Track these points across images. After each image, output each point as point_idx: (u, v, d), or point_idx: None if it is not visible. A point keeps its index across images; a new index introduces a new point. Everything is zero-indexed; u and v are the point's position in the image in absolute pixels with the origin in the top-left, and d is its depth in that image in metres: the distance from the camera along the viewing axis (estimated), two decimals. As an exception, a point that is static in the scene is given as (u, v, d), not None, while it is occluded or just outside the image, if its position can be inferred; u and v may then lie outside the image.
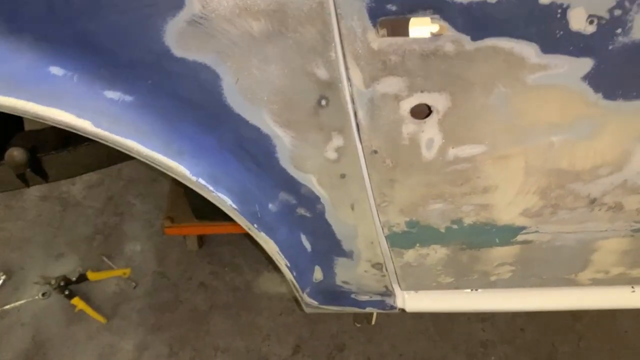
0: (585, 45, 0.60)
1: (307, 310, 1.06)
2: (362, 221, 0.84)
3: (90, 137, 0.64)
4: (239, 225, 1.92)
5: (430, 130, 0.69)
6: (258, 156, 0.72)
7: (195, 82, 0.63)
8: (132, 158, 1.55)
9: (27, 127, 1.43)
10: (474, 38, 0.60)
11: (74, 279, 1.98)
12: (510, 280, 1.00)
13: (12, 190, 1.42)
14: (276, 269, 2.01)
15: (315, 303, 1.01)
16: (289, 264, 0.88)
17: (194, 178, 0.70)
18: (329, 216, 0.83)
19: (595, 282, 1.01)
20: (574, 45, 0.60)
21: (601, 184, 0.78)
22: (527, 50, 0.61)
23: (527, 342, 1.80)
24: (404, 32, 0.58)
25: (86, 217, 2.20)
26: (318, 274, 0.96)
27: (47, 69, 0.59)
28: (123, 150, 0.66)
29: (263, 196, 0.77)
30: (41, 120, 0.61)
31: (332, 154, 0.72)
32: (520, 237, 0.88)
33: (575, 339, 1.80)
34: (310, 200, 0.80)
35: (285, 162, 0.74)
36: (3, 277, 1.99)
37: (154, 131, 0.66)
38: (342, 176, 0.76)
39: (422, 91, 0.65)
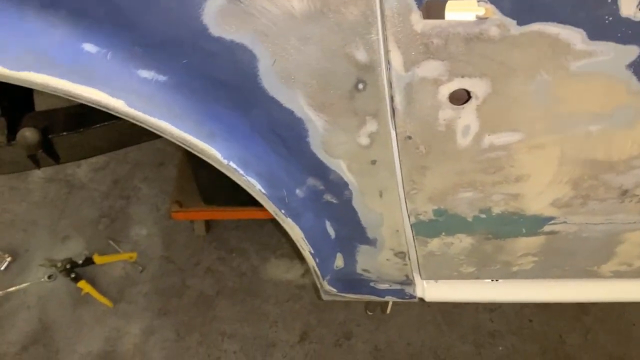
0: (634, 32, 0.59)
1: (325, 297, 1.05)
2: (389, 209, 0.83)
3: (123, 116, 0.62)
4: (247, 210, 1.91)
5: (467, 117, 0.68)
6: (289, 140, 0.71)
7: (231, 63, 0.62)
8: (142, 142, 1.52)
9: (38, 107, 1.41)
10: (521, 22, 0.58)
11: (80, 262, 1.97)
12: (531, 271, 0.99)
13: (23, 171, 1.41)
14: (283, 255, 2.00)
15: (334, 290, 1.00)
16: (312, 251, 0.87)
17: (225, 161, 0.69)
18: (356, 203, 0.81)
19: (617, 275, 1.00)
20: (622, 32, 0.59)
21: (634, 175, 0.77)
22: (574, 36, 0.59)
23: (535, 333, 1.80)
24: (449, 15, 0.56)
25: (92, 200, 2.19)
26: (339, 262, 0.95)
27: (80, 46, 0.58)
28: (155, 131, 0.65)
29: (291, 181, 0.76)
30: (73, 99, 0.59)
31: (364, 140, 0.71)
32: (547, 228, 0.87)
33: (583, 331, 1.80)
34: (339, 187, 0.78)
35: (316, 147, 0.72)
36: (8, 259, 1.98)
37: (187, 112, 0.64)
38: (373, 162, 0.75)
39: (462, 76, 0.63)
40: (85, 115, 1.37)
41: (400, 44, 0.60)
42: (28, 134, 1.26)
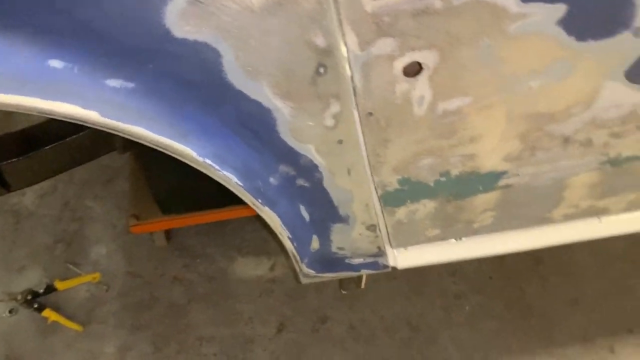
0: (559, -8, 0.66)
1: (304, 280, 1.09)
2: (358, 185, 0.87)
3: (99, 127, 0.63)
4: (207, 214, 1.91)
5: (421, 87, 0.73)
6: (259, 131, 0.74)
7: (196, 62, 0.64)
8: (93, 159, 1.50)
9: (-21, 136, 1.37)
10: (460, -6, 0.64)
11: (41, 291, 1.92)
12: (491, 225, 1.06)
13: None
14: (249, 253, 2.02)
15: (312, 272, 1.04)
16: (290, 236, 0.90)
17: (200, 159, 0.71)
18: (327, 184, 0.86)
19: (567, 217, 1.09)
20: (549, -8, 0.65)
21: (573, 123, 0.85)
22: (508, 1, 0.65)
23: (496, 288, 1.91)
24: (396, -6, 0.61)
25: (43, 226, 2.13)
26: (315, 244, 0.99)
27: (46, 63, 0.58)
28: (131, 138, 0.66)
29: (265, 171, 0.79)
30: (48, 115, 0.60)
31: (329, 121, 0.75)
32: (501, 182, 0.94)
33: (540, 281, 1.92)
34: (309, 170, 0.82)
35: (285, 134, 0.76)
36: (-37, 298, 1.90)
37: (159, 115, 0.66)
38: (340, 142, 0.79)
39: (413, 50, 0.68)
40: (31, 139, 1.34)
41: (354, 25, 0.65)
42: None
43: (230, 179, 0.75)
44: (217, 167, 0.73)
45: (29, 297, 1.89)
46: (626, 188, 1.04)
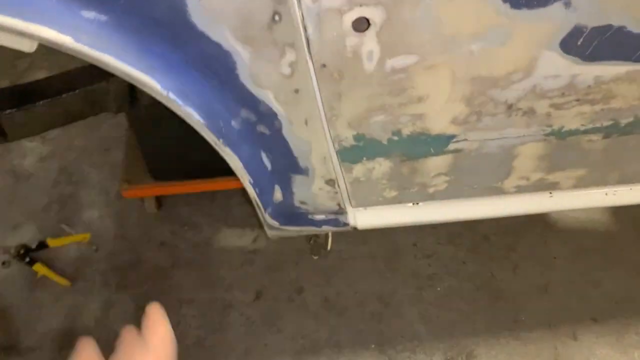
0: (493, -41, 0.73)
1: (270, 233, 1.16)
2: (315, 136, 0.95)
3: (72, 52, 0.72)
4: (196, 184, 1.99)
5: (369, 43, 0.81)
6: (220, 73, 0.82)
7: (163, 2, 0.72)
8: (86, 117, 1.58)
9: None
10: (401, -46, 0.72)
11: (33, 246, 2.01)
12: (446, 191, 1.13)
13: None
14: (234, 225, 2.11)
15: (276, 224, 1.12)
16: (251, 181, 0.98)
17: (164, 92, 0.79)
18: (286, 132, 0.93)
19: (519, 190, 1.16)
20: (483, -42, 0.73)
21: (515, 90, 0.92)
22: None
23: (469, 273, 1.98)
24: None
25: (40, 188, 2.22)
26: (278, 194, 1.07)
27: (28, -11, 0.67)
28: (100, 66, 0.75)
29: (226, 113, 0.87)
30: (28, 37, 0.68)
31: (286, 69, 0.83)
32: (451, 146, 1.02)
33: (511, 267, 1.99)
34: (269, 117, 0.90)
35: (244, 78, 0.83)
36: (-40, 250, 1.99)
37: (128, 48, 0.74)
38: (296, 91, 0.87)
39: (360, 5, 0.76)
40: (30, 93, 1.43)
41: (306, -22, 0.72)
42: None
43: (192, 115, 0.83)
44: (180, 101, 0.80)
45: (22, 252, 1.98)
46: (573, 163, 1.11)
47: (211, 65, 0.80)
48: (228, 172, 1.94)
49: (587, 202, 1.20)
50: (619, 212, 2.10)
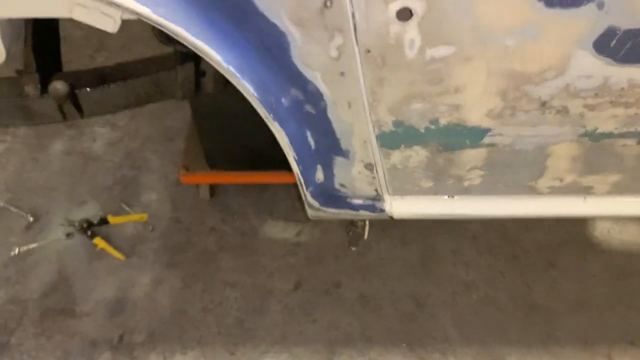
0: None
1: (310, 213, 1.25)
2: (357, 119, 1.03)
3: (150, 22, 0.84)
4: (249, 175, 2.10)
5: (411, 32, 0.89)
6: (275, 52, 0.92)
7: (229, -17, 0.83)
8: (155, 101, 1.71)
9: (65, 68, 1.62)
10: (444, -49, 0.80)
11: (95, 222, 2.17)
12: (481, 186, 1.19)
13: (51, 122, 1.61)
14: (280, 217, 2.21)
15: (316, 204, 1.20)
16: (296, 157, 1.07)
17: (225, 65, 0.90)
18: (330, 113, 1.02)
19: (553, 191, 1.20)
20: (520, -42, 0.80)
21: (548, 87, 0.97)
22: (484, -39, 0.80)
23: (506, 283, 2.00)
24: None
25: (106, 169, 2.40)
26: (319, 175, 1.16)
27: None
28: (173, 35, 0.86)
29: (278, 90, 0.97)
30: (115, 7, 0.81)
31: (334, 52, 0.92)
32: (486, 140, 1.08)
33: (549, 282, 2.00)
34: (315, 97, 0.99)
35: (296, 58, 0.93)
36: (31, 219, 2.18)
37: (197, 22, 0.86)
38: (342, 74, 0.96)
39: (404, -4, 0.85)
40: (106, 75, 1.58)
41: (356, -32, 0.82)
42: (59, 85, 1.47)
43: (248, 89, 0.93)
44: (238, 75, 0.91)
45: (85, 225, 2.16)
46: (607, 167, 1.15)
47: (267, 44, 0.91)
48: (279, 166, 2.06)
49: (621, 210, 1.22)
50: (667, 238, 2.07)
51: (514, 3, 0.85)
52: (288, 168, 1.98)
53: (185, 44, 0.87)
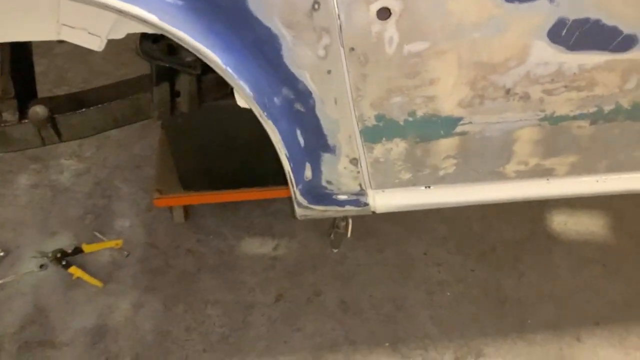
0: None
1: (299, 212, 1.32)
2: (343, 115, 1.12)
3: (156, 29, 0.90)
4: (222, 194, 2.15)
5: (390, 30, 0.99)
6: (268, 54, 1.00)
7: (226, -10, 0.92)
8: (131, 123, 1.74)
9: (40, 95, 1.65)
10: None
11: (69, 251, 2.16)
12: (454, 174, 1.29)
13: (30, 148, 1.62)
14: (256, 234, 2.26)
15: (305, 202, 1.27)
16: (287, 154, 1.15)
17: (223, 66, 0.97)
18: (318, 110, 1.11)
19: (519, 175, 1.32)
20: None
21: (511, 75, 1.09)
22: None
23: (477, 279, 2.10)
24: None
25: (76, 200, 2.39)
26: (308, 172, 1.23)
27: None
28: (176, 40, 0.93)
29: (270, 90, 1.05)
30: (123, 15, 0.87)
31: (321, 52, 1.01)
32: (458, 129, 1.18)
33: (517, 275, 2.12)
34: (305, 96, 1.07)
35: (287, 59, 1.01)
36: (1, 254, 2.15)
37: (198, 28, 0.93)
38: (329, 72, 1.04)
39: (383, -4, 0.95)
40: (84, 99, 1.62)
41: (341, -27, 0.92)
42: (39, 109, 1.49)
43: (244, 88, 1.00)
44: (235, 76, 0.98)
45: (59, 255, 2.14)
46: (565, 149, 1.27)
47: (261, 47, 0.99)
48: (252, 183, 2.11)
49: (580, 189, 1.35)
50: (618, 225, 2.24)
51: (478, 0, 0.97)
52: (261, 184, 2.08)
53: (187, 47, 0.94)
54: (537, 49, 1.06)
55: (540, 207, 2.32)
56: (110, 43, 1.20)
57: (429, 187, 1.32)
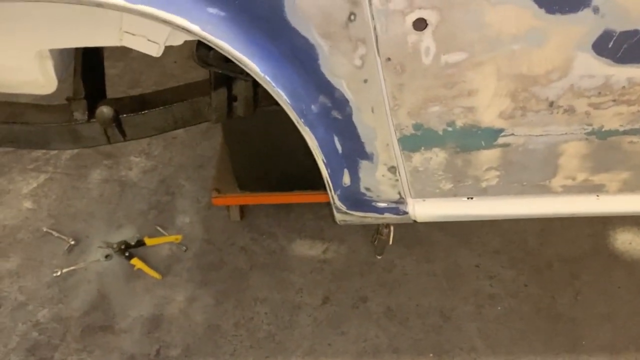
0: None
1: (338, 217, 1.34)
2: (379, 123, 1.14)
3: (199, 37, 0.96)
4: (277, 196, 2.20)
5: (427, 40, 1.00)
6: (305, 62, 1.03)
7: (266, 2, 0.95)
8: (191, 125, 1.83)
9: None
10: (452, -32, 0.91)
11: (132, 243, 2.29)
12: (497, 186, 1.27)
13: (97, 145, 1.74)
14: (307, 236, 2.30)
15: (343, 207, 1.30)
16: (325, 160, 1.17)
17: (262, 74, 1.02)
18: (355, 118, 1.13)
19: (566, 190, 1.28)
20: (520, -29, 0.91)
21: (554, 88, 1.07)
22: (489, -25, 0.91)
23: (530, 295, 2.04)
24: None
25: (142, 196, 2.53)
26: (346, 178, 1.25)
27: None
28: (217, 49, 0.98)
29: (308, 97, 1.08)
30: (167, 24, 0.93)
31: (358, 61, 1.03)
32: (500, 140, 1.17)
33: (573, 293, 2.03)
34: (342, 103, 1.10)
35: (324, 68, 1.04)
36: (72, 242, 2.31)
37: (238, 38, 0.98)
38: (365, 81, 1.06)
39: (420, 8, 0.96)
40: (147, 101, 1.72)
41: (376, -15, 0.93)
42: (105, 110, 1.60)
43: (281, 95, 1.04)
44: (273, 83, 1.02)
45: (123, 247, 2.27)
46: (616, 165, 1.22)
47: (298, 56, 1.02)
48: (305, 187, 2.16)
49: (633, 207, 1.29)
50: (689, 247, 2.10)
51: (518, 11, 0.96)
52: (313, 188, 2.11)
53: (227, 55, 0.99)
54: (581, 62, 1.03)
55: (603, 223, 2.22)
56: (180, 48, 1.28)
57: (472, 198, 1.31)
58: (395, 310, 2.03)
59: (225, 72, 1.45)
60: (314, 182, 2.11)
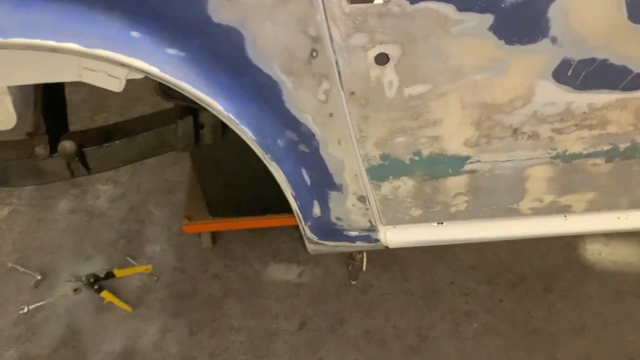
0: (487, 4, 0.92)
1: (310, 247, 1.33)
2: (347, 155, 1.13)
3: (158, 79, 0.94)
4: (248, 220, 2.18)
5: (389, 74, 0.99)
6: (270, 99, 1.02)
7: (227, 41, 0.94)
8: (156, 155, 1.80)
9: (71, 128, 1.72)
10: (412, 2, 0.91)
11: (102, 275, 2.23)
12: (466, 211, 1.28)
13: (61, 180, 1.70)
14: (282, 260, 2.27)
15: (315, 238, 1.28)
16: (294, 194, 1.16)
17: (226, 113, 1.00)
18: (322, 151, 1.12)
19: (535, 212, 1.29)
20: (478, 4, 0.91)
21: (517, 115, 1.07)
22: (448, 9, 0.92)
23: (505, 311, 2.05)
24: (366, 0, 0.89)
25: (110, 225, 2.48)
26: (316, 210, 1.24)
27: (129, 33, 0.90)
28: (178, 90, 0.96)
29: (274, 132, 1.07)
30: (126, 68, 0.91)
31: (322, 96, 1.02)
32: (467, 167, 1.17)
33: (547, 306, 2.05)
34: (308, 137, 1.09)
35: (289, 104, 1.03)
36: (39, 277, 2.24)
37: (200, 78, 0.96)
38: (330, 115, 1.06)
39: (381, 43, 0.95)
40: (111, 133, 1.69)
41: (337, 22, 0.93)
42: (67, 144, 1.57)
43: (246, 133, 1.02)
44: (237, 121, 1.01)
45: (92, 280, 2.22)
46: (582, 186, 1.24)
47: (262, 93, 1.01)
48: (278, 209, 2.14)
49: (600, 226, 1.30)
50: (656, 256, 2.14)
51: (478, 43, 0.97)
52: (286, 211, 2.09)
53: (189, 96, 0.98)
54: (542, 89, 1.04)
55: (574, 235, 2.25)
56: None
57: (442, 223, 1.31)
58: (373, 332, 2.02)
59: (188, 104, 1.43)
60: (287, 205, 2.10)
